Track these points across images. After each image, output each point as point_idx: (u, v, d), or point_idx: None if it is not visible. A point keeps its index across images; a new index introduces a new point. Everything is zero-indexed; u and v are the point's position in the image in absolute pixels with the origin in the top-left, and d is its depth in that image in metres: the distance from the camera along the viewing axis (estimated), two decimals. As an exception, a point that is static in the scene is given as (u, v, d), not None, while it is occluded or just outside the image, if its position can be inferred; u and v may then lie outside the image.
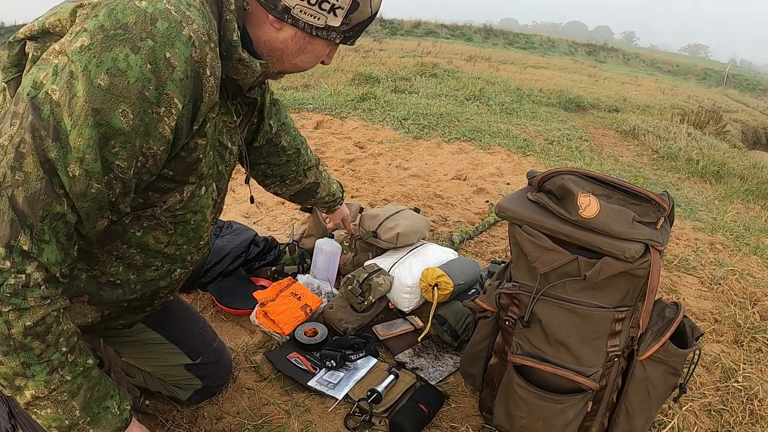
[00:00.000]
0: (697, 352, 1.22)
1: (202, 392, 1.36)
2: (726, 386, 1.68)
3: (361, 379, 1.49)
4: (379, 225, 1.94)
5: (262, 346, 1.64)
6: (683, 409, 1.54)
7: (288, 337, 1.63)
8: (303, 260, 2.00)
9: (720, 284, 2.37)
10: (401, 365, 1.58)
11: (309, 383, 1.47)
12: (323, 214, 1.93)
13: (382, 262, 1.87)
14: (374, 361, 1.56)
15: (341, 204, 1.82)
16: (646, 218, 1.10)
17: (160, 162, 0.82)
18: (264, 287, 1.84)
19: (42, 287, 0.76)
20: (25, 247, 0.73)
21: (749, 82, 24.64)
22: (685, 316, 1.22)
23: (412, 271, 1.79)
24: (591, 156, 4.53)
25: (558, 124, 5.67)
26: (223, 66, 0.86)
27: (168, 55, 0.73)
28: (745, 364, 1.80)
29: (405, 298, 1.78)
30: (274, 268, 1.95)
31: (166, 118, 0.77)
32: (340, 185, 1.79)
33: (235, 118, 0.99)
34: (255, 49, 0.93)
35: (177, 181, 0.91)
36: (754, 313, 2.12)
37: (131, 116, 0.73)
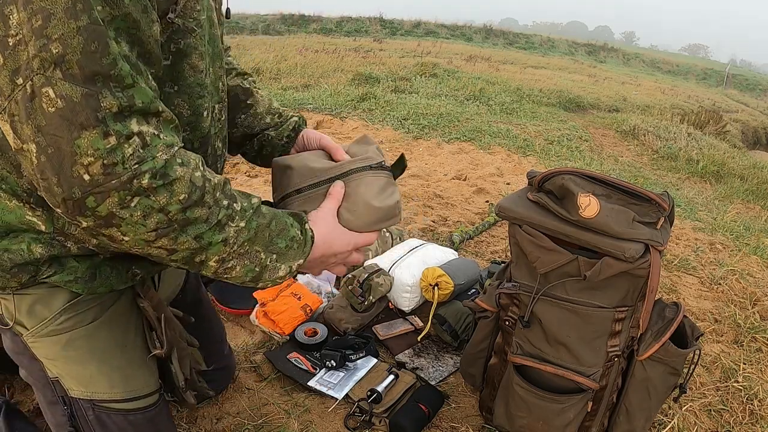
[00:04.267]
0: (697, 352, 1.22)
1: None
2: (726, 386, 1.68)
3: (361, 379, 1.49)
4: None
5: (262, 346, 1.64)
6: (683, 409, 1.54)
7: (288, 337, 1.63)
8: (303, 260, 2.00)
9: (720, 284, 2.37)
10: (401, 365, 1.58)
11: (309, 383, 1.47)
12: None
13: (383, 261, 1.87)
14: (374, 361, 1.56)
15: (301, 128, 1.15)
16: (646, 218, 1.10)
17: None
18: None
19: (160, 135, 0.67)
20: (114, 109, 0.62)
21: (749, 82, 24.65)
22: (685, 316, 1.22)
23: (412, 271, 1.79)
24: (591, 156, 4.53)
25: (558, 124, 5.67)
26: None
27: None
28: (745, 364, 1.80)
29: (405, 297, 1.78)
30: (274, 268, 1.95)
31: None
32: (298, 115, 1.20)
33: None
34: None
35: None
36: (754, 313, 2.12)
37: None
